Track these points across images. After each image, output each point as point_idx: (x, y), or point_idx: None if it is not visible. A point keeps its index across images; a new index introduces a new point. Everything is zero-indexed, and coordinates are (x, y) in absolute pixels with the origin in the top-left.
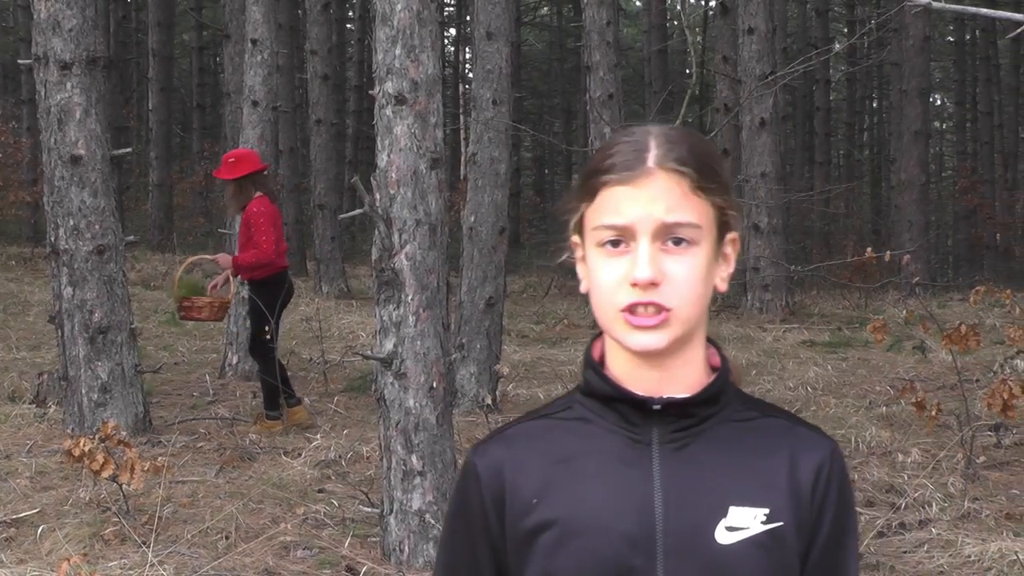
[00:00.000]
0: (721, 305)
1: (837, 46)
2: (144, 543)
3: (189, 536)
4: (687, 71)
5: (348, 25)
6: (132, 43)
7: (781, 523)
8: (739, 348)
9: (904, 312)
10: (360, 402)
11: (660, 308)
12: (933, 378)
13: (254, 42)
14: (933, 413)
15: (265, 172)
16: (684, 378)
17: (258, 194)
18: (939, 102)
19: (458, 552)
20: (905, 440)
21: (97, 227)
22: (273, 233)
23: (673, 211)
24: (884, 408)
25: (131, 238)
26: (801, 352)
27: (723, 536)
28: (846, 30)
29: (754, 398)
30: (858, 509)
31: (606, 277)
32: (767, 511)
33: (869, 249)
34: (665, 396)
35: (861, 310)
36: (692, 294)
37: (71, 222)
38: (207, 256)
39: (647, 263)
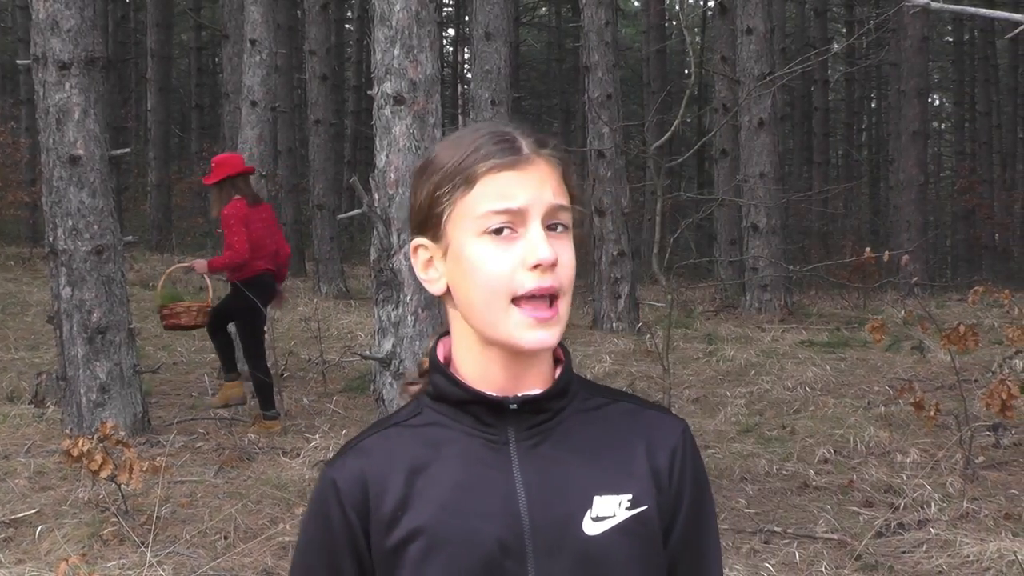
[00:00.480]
0: (720, 305)
1: (835, 46)
2: (143, 543)
3: (188, 536)
4: (686, 71)
5: (347, 25)
6: (131, 43)
7: (645, 507)
8: (738, 348)
9: (903, 312)
10: (359, 402)
11: (554, 296)
12: (932, 378)
13: (253, 42)
14: (932, 413)
15: (248, 175)
16: (538, 375)
17: (236, 197)
18: (937, 102)
19: (321, 572)
20: (904, 440)
21: (96, 227)
22: (245, 234)
23: (557, 195)
24: (883, 408)
25: (130, 238)
26: (799, 352)
27: (590, 527)
28: (844, 30)
29: (594, 383)
30: (856, 509)
31: (495, 266)
32: (631, 496)
33: (868, 249)
34: (519, 394)
35: (859, 310)
36: (573, 278)
37: (70, 222)
38: (182, 264)
39: (546, 243)
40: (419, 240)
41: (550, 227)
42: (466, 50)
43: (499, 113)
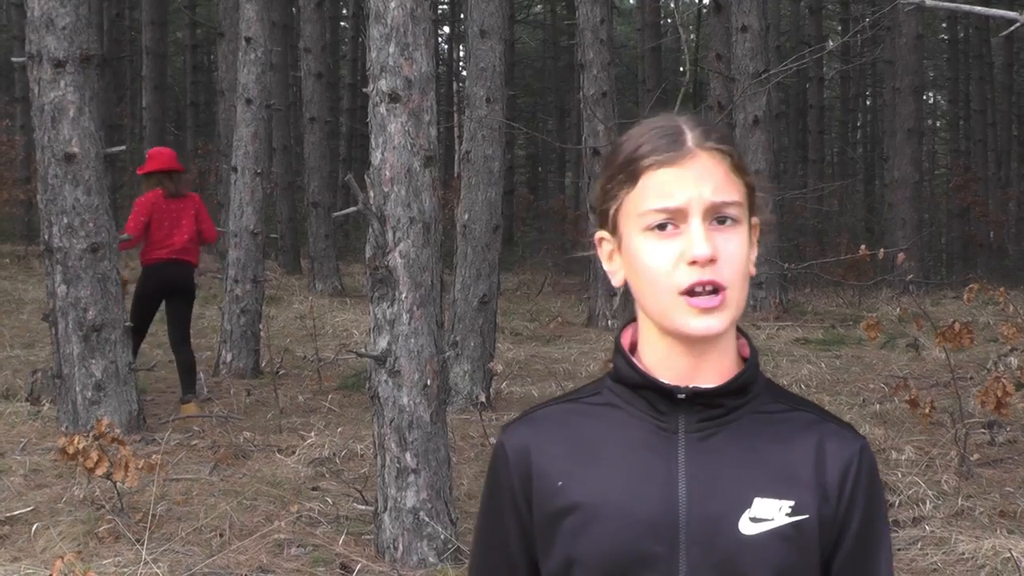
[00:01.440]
0: None
1: (831, 44)
2: (138, 541)
3: (183, 534)
4: (681, 69)
5: (342, 23)
6: (126, 41)
7: (806, 516)
8: None
9: (898, 310)
10: (354, 400)
11: (717, 288)
12: (927, 376)
13: (248, 40)
14: (927, 411)
15: (174, 172)
16: (716, 367)
17: (158, 189)
18: (932, 100)
19: (490, 529)
20: (899, 438)
21: (91, 225)
22: (143, 222)
23: (720, 191)
24: (878, 406)
25: (125, 236)
26: (795, 350)
27: (747, 527)
28: (840, 28)
29: (785, 391)
30: None
31: (659, 261)
32: (792, 503)
33: (863, 247)
34: (692, 385)
35: (854, 308)
36: (742, 272)
37: (65, 220)
38: None
39: (704, 239)
40: (601, 233)
41: (718, 219)
42: (461, 47)
43: (494, 111)
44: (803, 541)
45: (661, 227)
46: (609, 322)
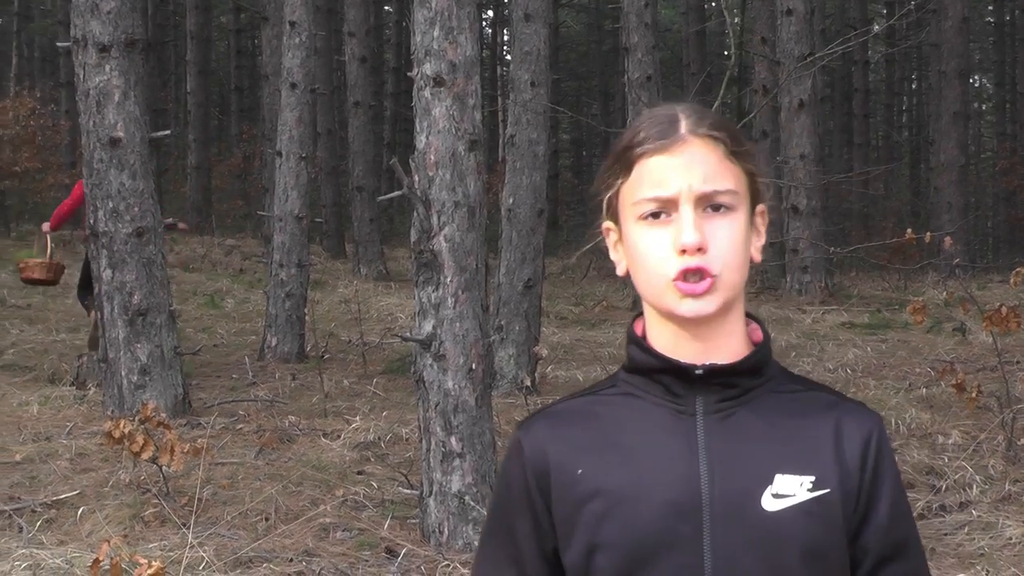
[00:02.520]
0: (760, 287)
1: (876, 27)
2: (184, 525)
3: (229, 518)
4: (725, 52)
5: (386, 7)
6: (170, 25)
7: (828, 490)
8: (778, 330)
9: (944, 293)
10: (399, 384)
11: (705, 274)
12: (973, 360)
13: (292, 24)
14: (973, 395)
15: None
16: (727, 348)
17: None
18: (978, 83)
19: (499, 526)
20: (945, 422)
21: (136, 209)
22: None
23: (711, 179)
24: (924, 390)
25: (170, 220)
26: (840, 334)
27: (770, 503)
28: (884, 11)
29: (798, 375)
30: None
31: (652, 249)
32: (813, 478)
33: (909, 231)
34: (708, 363)
35: (900, 292)
36: (735, 258)
37: (110, 204)
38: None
39: (692, 228)
40: (607, 223)
41: (712, 207)
42: (505, 31)
43: (538, 95)
44: (827, 516)
45: (655, 215)
46: None
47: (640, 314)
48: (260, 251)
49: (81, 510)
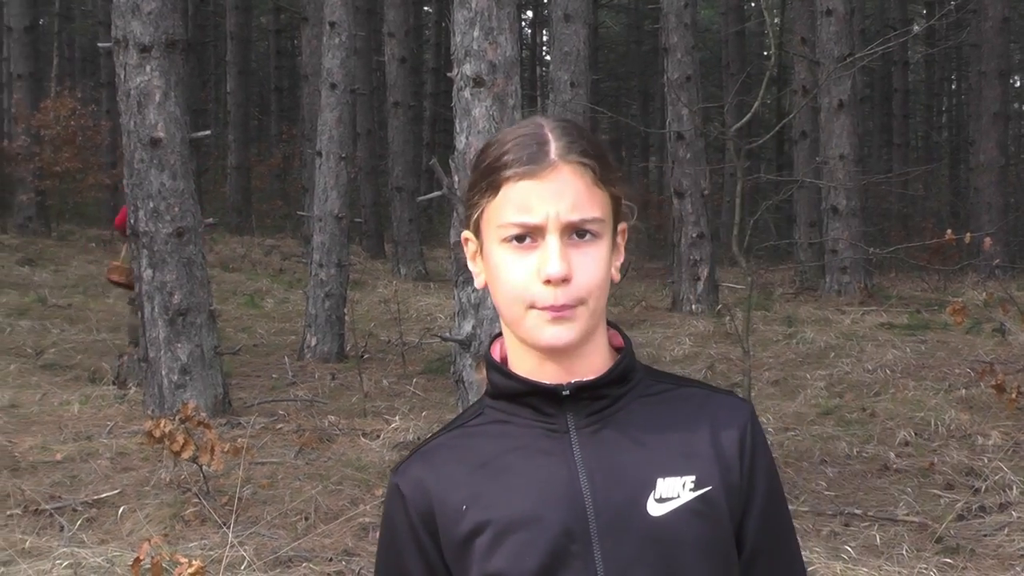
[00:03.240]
0: (799, 287)
1: (915, 27)
2: (224, 524)
3: (269, 517)
4: (765, 53)
5: (425, 7)
6: (210, 26)
7: (710, 487)
8: (817, 330)
9: (983, 294)
10: (438, 384)
11: (567, 308)
12: (1013, 360)
13: (332, 25)
14: (1013, 396)
15: None
16: (590, 365)
17: None
18: (1018, 83)
19: (388, 571)
20: (984, 423)
21: (176, 209)
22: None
23: (579, 208)
24: (963, 391)
25: (210, 220)
26: (879, 334)
27: (655, 508)
28: (924, 11)
29: (665, 372)
30: (937, 492)
31: (514, 274)
32: (694, 478)
33: (948, 231)
34: (573, 380)
35: (940, 292)
36: (599, 285)
37: (151, 204)
38: None
39: (558, 259)
40: (466, 233)
41: (578, 234)
42: (545, 32)
43: (578, 95)
44: (713, 513)
45: (519, 239)
46: (693, 307)
47: (498, 336)
48: (300, 251)
49: (122, 509)
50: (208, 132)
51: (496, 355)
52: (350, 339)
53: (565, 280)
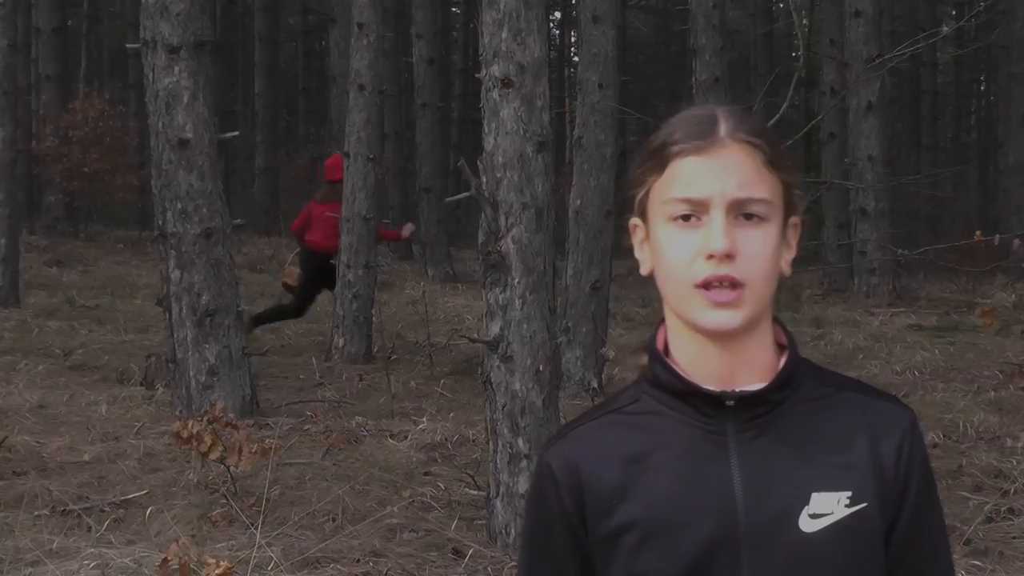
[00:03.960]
0: (828, 289)
1: (945, 29)
2: (252, 525)
3: (296, 518)
4: (794, 54)
5: (453, 8)
6: (238, 27)
7: (865, 504)
8: (846, 332)
9: (1013, 296)
10: (466, 385)
11: (735, 283)
12: None
13: (360, 26)
14: None
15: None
16: (754, 362)
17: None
18: None
19: (542, 555)
20: (1014, 425)
21: (204, 210)
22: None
23: (746, 186)
24: (993, 393)
25: (238, 221)
26: (908, 336)
27: (807, 524)
28: (954, 12)
29: (827, 370)
30: (966, 494)
31: (678, 252)
32: (850, 493)
33: (978, 233)
34: (738, 388)
35: (969, 294)
36: (765, 270)
37: (179, 205)
38: None
39: (722, 234)
40: (634, 220)
41: (745, 215)
42: (573, 33)
43: (606, 97)
44: (866, 529)
45: (685, 217)
46: None
47: (661, 322)
48: None
49: (149, 510)
50: (236, 133)
51: (659, 343)
52: (378, 340)
53: (729, 256)
